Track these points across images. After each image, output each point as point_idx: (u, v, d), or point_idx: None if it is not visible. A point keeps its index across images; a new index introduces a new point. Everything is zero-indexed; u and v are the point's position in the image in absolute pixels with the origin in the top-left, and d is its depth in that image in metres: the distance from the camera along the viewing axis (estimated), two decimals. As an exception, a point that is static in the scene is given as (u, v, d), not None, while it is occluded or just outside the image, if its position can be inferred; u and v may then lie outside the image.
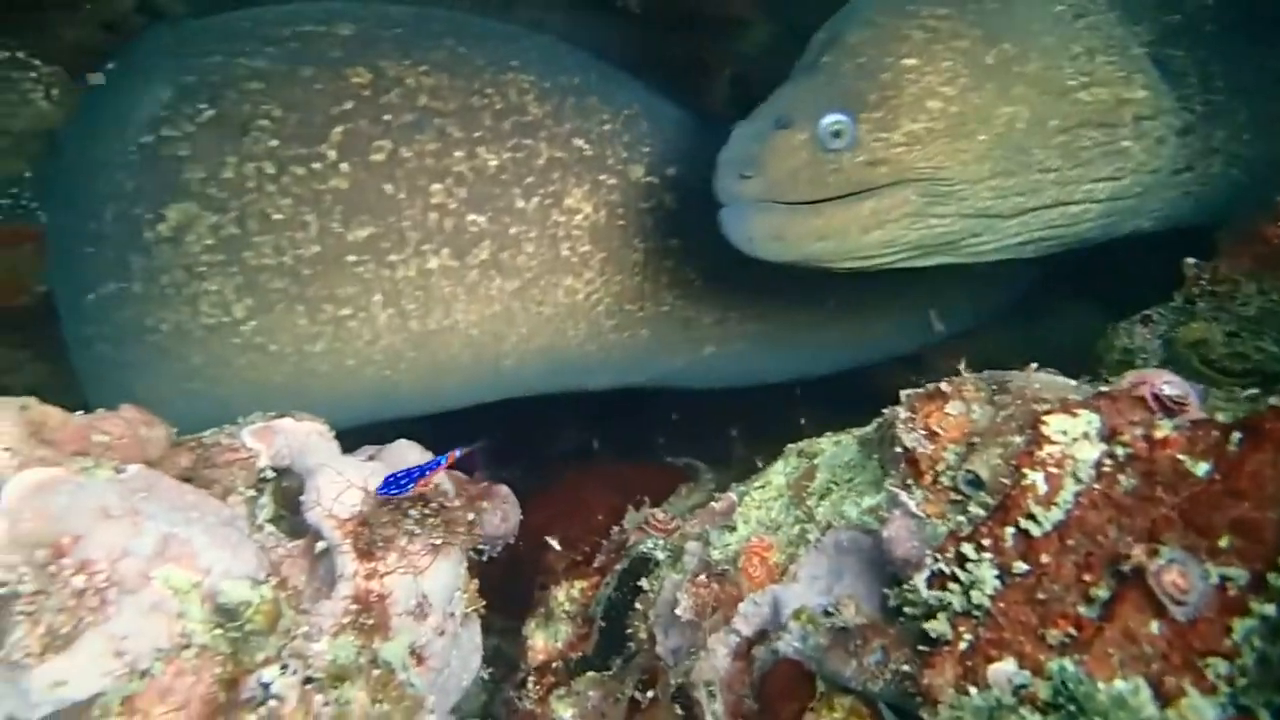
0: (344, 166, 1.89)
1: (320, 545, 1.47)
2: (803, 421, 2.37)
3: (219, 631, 1.16)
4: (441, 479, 1.72)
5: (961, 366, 1.39)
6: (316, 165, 1.87)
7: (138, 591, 1.08)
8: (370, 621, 1.44)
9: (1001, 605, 1.09)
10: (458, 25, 2.18)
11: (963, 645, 1.11)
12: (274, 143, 1.87)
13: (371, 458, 1.72)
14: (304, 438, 1.57)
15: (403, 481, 1.48)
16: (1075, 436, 1.14)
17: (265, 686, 1.13)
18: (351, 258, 1.90)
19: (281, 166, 1.86)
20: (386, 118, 1.92)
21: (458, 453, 1.53)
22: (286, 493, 1.58)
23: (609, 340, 2.21)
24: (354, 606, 1.43)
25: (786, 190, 1.79)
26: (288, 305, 1.89)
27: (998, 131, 1.79)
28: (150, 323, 1.90)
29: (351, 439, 1.68)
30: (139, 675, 1.07)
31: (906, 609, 1.22)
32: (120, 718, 1.06)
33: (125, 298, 1.91)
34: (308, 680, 1.18)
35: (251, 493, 1.51)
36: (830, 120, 1.75)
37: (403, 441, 1.77)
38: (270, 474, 1.55)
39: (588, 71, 2.26)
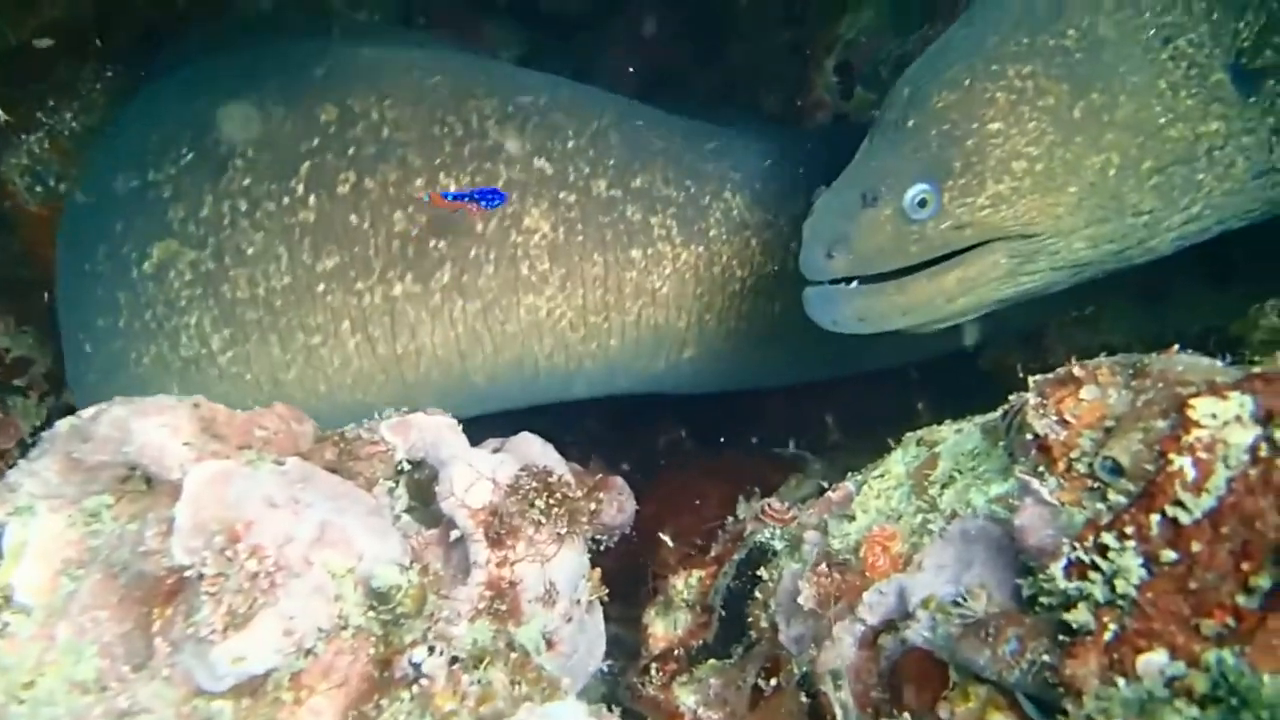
0: (311, 200, 1.99)
1: (454, 534, 1.54)
2: (919, 406, 2.33)
3: (372, 614, 1.24)
4: (563, 469, 1.78)
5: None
6: (286, 200, 1.99)
7: (301, 575, 1.17)
8: (504, 607, 1.51)
9: (1149, 595, 1.06)
10: (427, 58, 2.26)
11: (1107, 635, 1.08)
12: (247, 180, 1.99)
13: (497, 450, 1.79)
14: (436, 431, 1.64)
15: None
16: (1226, 420, 1.09)
17: (416, 666, 1.20)
18: (320, 287, 2.00)
19: (254, 202, 1.98)
20: (351, 150, 2.02)
21: None
22: (419, 484, 1.67)
23: (577, 352, 2.25)
24: (488, 593, 1.50)
25: (872, 265, 1.80)
26: (262, 335, 2.01)
27: (1090, 181, 1.76)
28: (134, 355, 2.04)
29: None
30: (305, 653, 1.15)
31: (1043, 599, 1.20)
32: (290, 691, 1.14)
33: (113, 333, 2.06)
34: (454, 660, 1.24)
35: (390, 484, 1.60)
36: (915, 191, 1.76)
37: (525, 434, 1.83)
38: (406, 466, 1.64)
39: (557, 89, 2.30)
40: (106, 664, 1.12)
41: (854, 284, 1.84)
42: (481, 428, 1.87)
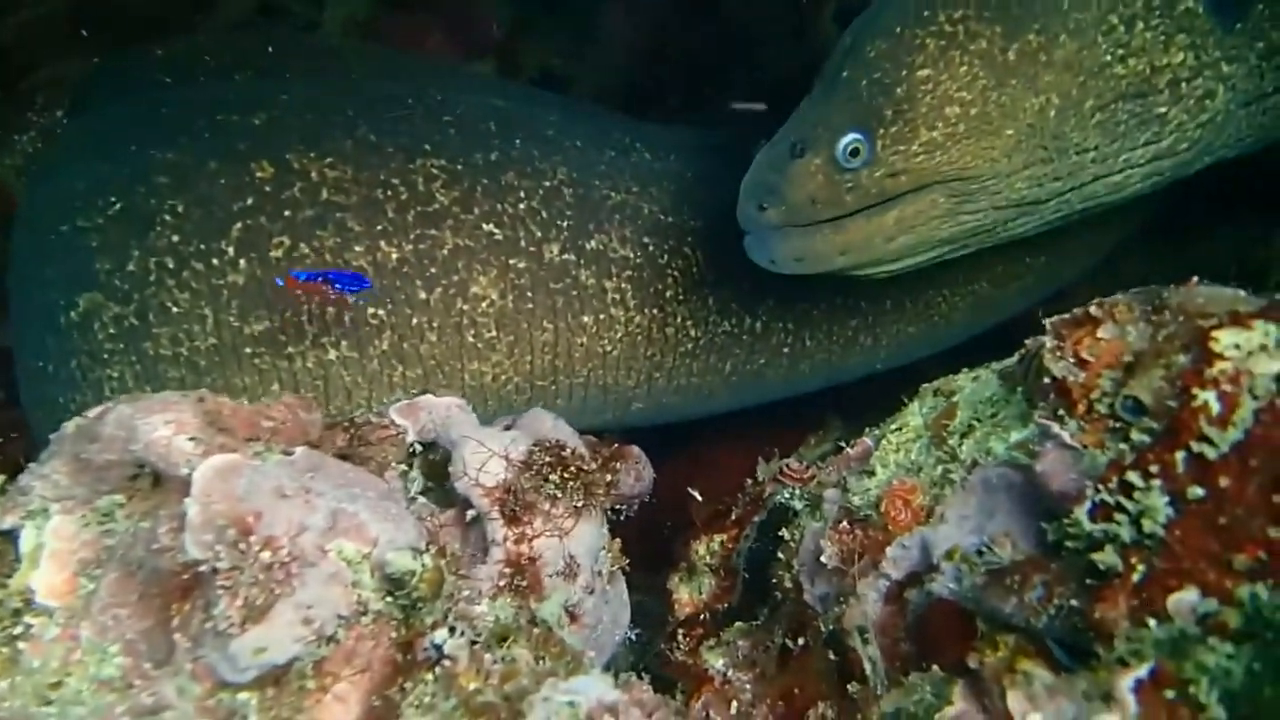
0: (241, 263, 1.90)
1: (470, 513, 1.53)
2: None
3: (390, 599, 1.23)
4: (577, 443, 1.76)
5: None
6: (215, 261, 1.89)
7: (317, 564, 1.16)
8: (524, 583, 1.50)
9: (1178, 533, 1.04)
10: (377, 104, 2.12)
11: (1136, 576, 1.06)
12: (175, 238, 1.89)
13: (509, 427, 1.78)
14: (446, 411, 1.63)
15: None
16: (1250, 350, 1.05)
17: (438, 648, 1.20)
18: (248, 349, 1.92)
19: (181, 261, 1.88)
20: (287, 213, 1.92)
21: None
22: (434, 465, 1.66)
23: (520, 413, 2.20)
24: (508, 570, 1.49)
25: (805, 215, 1.79)
26: None
27: (1028, 123, 1.73)
28: (62, 401, 1.99)
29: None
30: (326, 641, 1.15)
31: (1068, 543, 1.18)
32: (314, 680, 1.15)
33: (44, 375, 2.01)
34: (475, 640, 1.23)
35: (403, 467, 1.59)
36: (847, 140, 1.74)
37: (536, 410, 1.82)
38: (418, 448, 1.63)
39: (511, 138, 2.17)
40: (130, 661, 1.13)
41: None
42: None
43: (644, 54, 3.65)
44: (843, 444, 1.82)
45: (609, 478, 1.74)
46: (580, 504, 1.61)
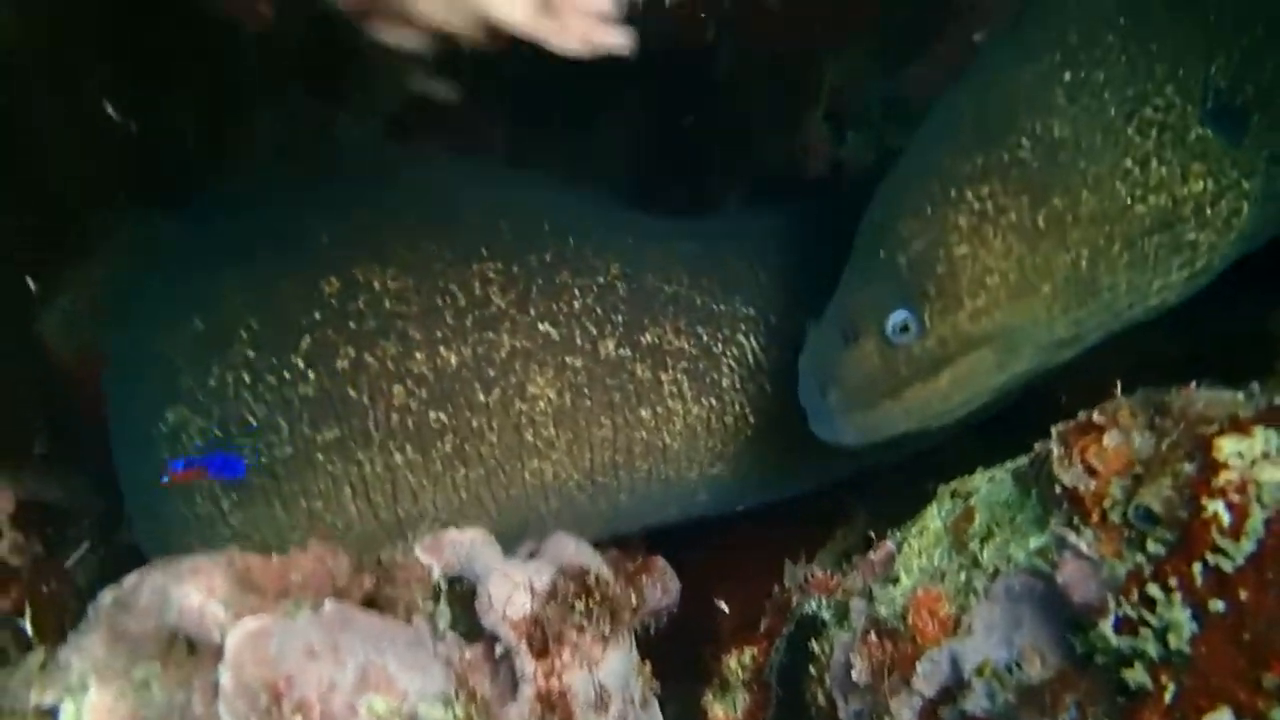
0: (310, 374, 1.99)
1: (499, 648, 1.54)
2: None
3: (423, 750, 1.24)
4: (600, 566, 1.77)
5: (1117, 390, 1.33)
6: (286, 374, 1.99)
7: (348, 723, 1.17)
8: (556, 718, 1.50)
9: (1204, 649, 1.03)
10: (432, 211, 2.22)
11: (1167, 697, 1.05)
12: (251, 353, 2.00)
13: (532, 555, 1.80)
14: (470, 546, 1.66)
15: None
16: (1253, 458, 1.07)
17: (474, 799, 1.20)
18: (320, 457, 2.00)
19: (256, 375, 2.00)
20: (352, 325, 2.02)
21: None
22: (461, 597, 1.67)
23: (583, 510, 2.20)
24: (539, 706, 1.49)
25: (866, 395, 1.86)
26: (267, 500, 2.01)
27: (1063, 277, 1.79)
28: (158, 509, 2.08)
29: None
30: (360, 803, 1.15)
31: (1097, 657, 1.17)
32: (350, 844, 1.14)
33: (140, 483, 2.11)
34: (508, 790, 1.23)
35: (430, 605, 1.61)
36: (895, 319, 1.81)
37: (558, 534, 1.84)
38: (444, 584, 1.65)
39: (564, 237, 2.23)
40: (168, 838, 1.13)
41: None
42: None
43: (646, 152, 3.76)
44: (870, 534, 1.83)
45: (634, 600, 1.75)
46: (608, 631, 1.62)
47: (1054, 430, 1.34)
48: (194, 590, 1.25)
